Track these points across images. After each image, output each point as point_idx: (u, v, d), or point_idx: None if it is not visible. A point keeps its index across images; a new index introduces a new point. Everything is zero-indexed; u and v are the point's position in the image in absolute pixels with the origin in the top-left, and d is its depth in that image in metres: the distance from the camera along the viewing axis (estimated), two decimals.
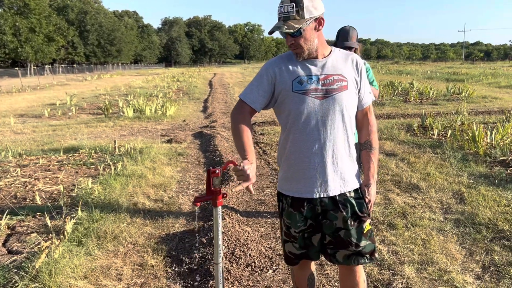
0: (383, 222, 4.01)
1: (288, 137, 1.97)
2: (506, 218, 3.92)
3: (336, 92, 1.90)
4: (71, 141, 8.32)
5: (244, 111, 1.97)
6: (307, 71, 1.91)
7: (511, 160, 5.83)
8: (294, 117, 1.92)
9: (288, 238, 2.06)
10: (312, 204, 1.97)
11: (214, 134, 8.76)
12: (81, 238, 3.67)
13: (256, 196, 4.94)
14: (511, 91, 17.24)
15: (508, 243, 3.47)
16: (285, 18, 1.84)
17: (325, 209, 1.97)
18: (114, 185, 5.10)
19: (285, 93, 1.92)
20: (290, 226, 2.01)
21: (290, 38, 1.87)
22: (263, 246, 3.57)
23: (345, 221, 1.95)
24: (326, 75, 1.91)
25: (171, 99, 16.70)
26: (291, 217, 2.00)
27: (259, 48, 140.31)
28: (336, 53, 1.99)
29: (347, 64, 1.98)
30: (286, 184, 2.02)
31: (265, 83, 1.96)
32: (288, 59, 1.98)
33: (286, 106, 1.93)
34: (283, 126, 2.01)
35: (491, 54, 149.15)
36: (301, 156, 1.94)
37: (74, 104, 15.47)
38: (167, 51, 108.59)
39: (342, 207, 1.95)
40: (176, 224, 4.15)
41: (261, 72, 1.99)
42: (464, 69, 39.62)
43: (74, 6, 66.74)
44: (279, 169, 2.10)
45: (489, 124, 8.76)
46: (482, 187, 4.81)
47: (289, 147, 1.97)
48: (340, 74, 1.93)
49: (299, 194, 1.97)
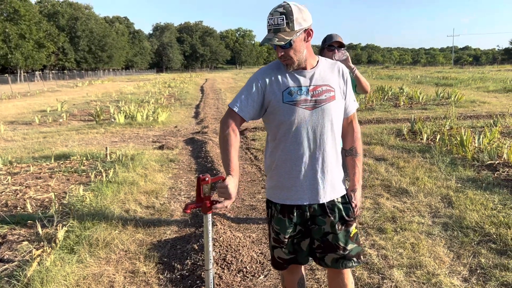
0: (372, 226, 4.07)
1: (278, 146, 2.01)
2: (492, 221, 3.99)
3: (325, 102, 1.96)
4: (62, 148, 8.29)
5: (232, 120, 1.99)
6: (296, 82, 1.96)
7: (498, 164, 5.94)
8: (285, 127, 1.96)
9: (277, 244, 2.10)
10: (301, 210, 2.02)
11: (206, 140, 8.79)
12: (73, 245, 3.67)
13: (248, 202, 4.98)
14: (499, 95, 17.49)
15: (494, 246, 3.54)
16: (275, 30, 1.87)
17: (313, 215, 2.02)
18: (105, 192, 5.10)
19: (275, 104, 1.95)
20: (280, 232, 2.05)
21: (280, 49, 1.91)
22: (254, 252, 3.61)
23: (333, 225, 2.01)
24: (315, 86, 1.96)
25: (163, 105, 16.70)
26: (280, 223, 2.04)
27: (250, 54, 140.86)
28: (323, 63, 2.05)
29: (333, 73, 2.04)
30: (276, 192, 2.06)
31: (255, 93, 1.98)
32: (277, 68, 2.02)
33: (277, 117, 1.97)
34: (272, 136, 2.04)
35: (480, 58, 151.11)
36: (291, 165, 1.99)
37: (65, 111, 15.41)
38: (159, 56, 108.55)
39: (330, 212, 2.01)
40: (167, 230, 4.17)
41: (251, 81, 2.01)
42: (454, 73, 40.08)
43: (64, 12, 66.61)
44: (267, 177, 2.14)
45: (477, 128, 8.89)
46: (469, 191, 4.89)
47: (279, 156, 2.01)
48: (328, 84, 1.99)
49: (290, 201, 2.02)
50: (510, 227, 3.84)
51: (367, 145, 7.67)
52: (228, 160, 1.93)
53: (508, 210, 4.28)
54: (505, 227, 3.84)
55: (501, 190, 4.90)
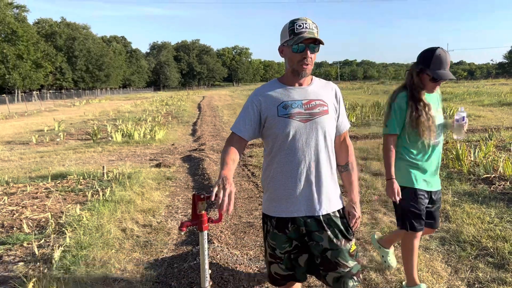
0: (370, 242, 4.06)
1: (273, 159, 2.06)
2: (489, 235, 4.00)
3: (319, 115, 2.02)
4: (59, 167, 8.28)
5: (232, 141, 2.05)
6: (291, 96, 2.03)
7: (494, 177, 5.96)
8: (280, 139, 2.01)
9: (273, 260, 2.12)
10: (296, 225, 2.03)
11: (203, 157, 8.80)
12: (69, 265, 3.65)
13: (245, 219, 4.97)
14: (494, 109, 17.63)
15: (492, 260, 3.54)
16: (310, 33, 1.95)
17: (309, 230, 2.03)
18: (102, 211, 5.09)
19: (271, 119, 2.02)
20: (275, 247, 2.07)
21: (309, 53, 1.97)
22: (252, 270, 3.59)
23: (331, 240, 2.02)
24: (308, 100, 2.03)
25: (160, 123, 16.75)
26: (276, 238, 2.07)
27: (247, 71, 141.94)
28: (317, 82, 2.13)
29: (327, 91, 2.11)
30: (271, 205, 2.08)
31: (251, 113, 2.05)
32: (271, 87, 2.09)
33: (273, 130, 2.02)
34: (269, 149, 2.09)
35: (475, 73, 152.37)
36: (286, 177, 2.03)
37: (62, 130, 15.43)
38: (156, 75, 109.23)
39: (326, 226, 2.03)
40: (164, 249, 4.15)
41: (247, 103, 2.09)
42: (449, 88, 40.39)
43: (62, 33, 67.19)
44: (264, 191, 2.17)
45: (473, 142, 8.95)
46: (466, 205, 4.90)
47: (275, 169, 2.05)
48: (321, 99, 2.06)
49: (285, 214, 2.04)
50: (507, 240, 3.84)
51: (363, 160, 7.70)
52: (222, 164, 1.92)
53: (505, 224, 4.29)
54: (502, 241, 3.84)
55: (497, 203, 4.91)
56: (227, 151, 1.99)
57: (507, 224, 4.27)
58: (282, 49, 2.07)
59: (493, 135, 9.50)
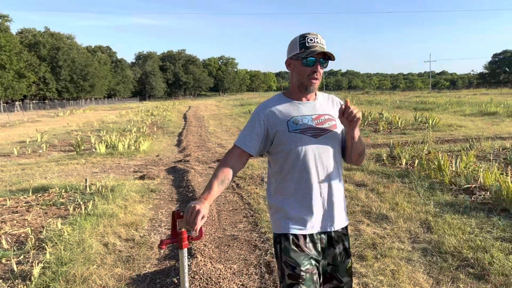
0: (353, 254, 4.08)
1: (286, 176, 2.02)
2: (470, 245, 4.05)
3: (329, 130, 2.03)
4: (40, 180, 8.15)
5: (235, 155, 2.01)
6: (299, 111, 2.03)
7: (475, 187, 6.06)
8: (293, 156, 1.98)
9: (294, 281, 1.94)
10: (313, 242, 2.01)
11: (188, 168, 8.76)
12: (49, 282, 3.58)
13: (229, 232, 4.95)
14: (475, 118, 17.96)
15: (472, 271, 3.58)
16: (321, 47, 1.97)
17: (323, 247, 2.03)
18: (84, 225, 5.02)
19: (282, 134, 1.99)
20: (295, 266, 1.95)
21: (319, 67, 1.98)
22: (235, 284, 3.57)
23: (335, 257, 2.04)
24: (317, 115, 2.04)
25: (145, 133, 16.64)
26: (295, 255, 1.96)
27: (233, 81, 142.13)
28: (321, 96, 2.15)
29: (331, 105, 2.14)
30: (287, 223, 2.01)
31: (257, 127, 2.02)
32: (278, 102, 2.08)
33: (284, 146, 1.99)
34: (279, 167, 2.04)
35: (456, 82, 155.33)
36: (303, 194, 2.00)
37: (45, 141, 15.20)
38: (141, 85, 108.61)
39: (335, 243, 2.04)
40: (147, 264, 4.10)
41: (253, 117, 2.06)
42: (432, 98, 41.10)
43: (46, 43, 66.48)
44: (274, 210, 2.08)
45: (454, 152, 9.09)
46: (448, 215, 4.96)
47: (288, 186, 2.01)
48: (329, 114, 2.08)
49: (302, 231, 1.99)
50: (487, 251, 3.90)
51: (347, 171, 7.75)
52: (209, 185, 1.92)
53: (485, 234, 4.35)
54: (482, 251, 3.90)
55: (478, 213, 4.99)
56: (222, 170, 1.96)
57: (487, 235, 4.33)
58: (290, 62, 2.06)
59: (474, 145, 9.67)
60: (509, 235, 4.28)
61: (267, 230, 4.85)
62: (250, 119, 2.07)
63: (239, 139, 2.04)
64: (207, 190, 1.90)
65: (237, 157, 2.02)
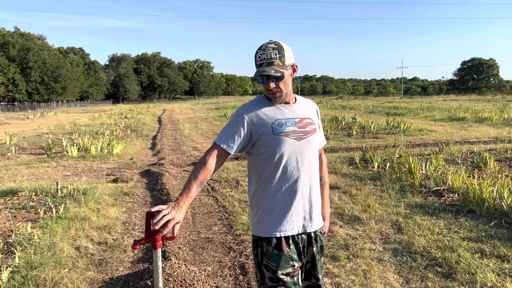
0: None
1: (268, 178, 2.04)
2: (438, 245, 4.18)
3: (310, 134, 2.09)
4: (9, 183, 7.92)
5: (215, 154, 2.00)
6: (283, 114, 2.06)
7: (444, 189, 6.25)
8: (276, 158, 2.01)
9: (275, 283, 1.98)
10: (295, 243, 2.04)
11: (162, 172, 8.69)
12: (18, 287, 3.50)
13: (204, 234, 4.94)
14: (445, 123, 18.51)
15: (440, 270, 3.70)
16: (269, 63, 1.97)
17: (303, 246, 2.08)
18: (55, 229, 4.91)
19: (266, 136, 2.00)
20: (276, 269, 1.98)
21: (271, 82, 1.98)
22: (210, 286, 3.57)
23: (314, 256, 2.11)
24: (300, 118, 2.09)
25: (118, 136, 16.39)
26: (276, 259, 1.99)
27: (209, 84, 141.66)
28: (300, 100, 2.19)
29: (311, 109, 2.20)
30: (268, 225, 2.03)
31: (240, 128, 2.01)
32: (261, 103, 2.09)
33: (268, 148, 2.01)
34: (261, 169, 2.05)
35: (428, 88, 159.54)
36: (284, 196, 2.03)
37: (14, 144, 14.77)
38: (115, 87, 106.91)
39: (314, 242, 2.11)
40: (120, 267, 4.05)
41: (235, 118, 2.05)
42: (403, 103, 42.06)
43: (15, 43, 64.62)
44: (254, 212, 2.10)
45: (425, 156, 9.34)
46: (418, 217, 5.11)
47: (269, 188, 2.04)
48: (310, 118, 2.13)
49: (284, 233, 2.02)
50: (454, 250, 4.04)
51: None
52: (187, 186, 1.92)
53: (453, 234, 4.50)
54: (449, 251, 4.03)
55: (446, 215, 5.16)
56: (202, 170, 1.95)
57: (455, 235, 4.48)
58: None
59: (443, 149, 9.97)
60: (475, 235, 4.44)
61: (242, 232, 4.87)
62: (233, 119, 2.06)
63: (220, 138, 2.02)
64: (186, 192, 1.90)
65: (217, 156, 2.01)
